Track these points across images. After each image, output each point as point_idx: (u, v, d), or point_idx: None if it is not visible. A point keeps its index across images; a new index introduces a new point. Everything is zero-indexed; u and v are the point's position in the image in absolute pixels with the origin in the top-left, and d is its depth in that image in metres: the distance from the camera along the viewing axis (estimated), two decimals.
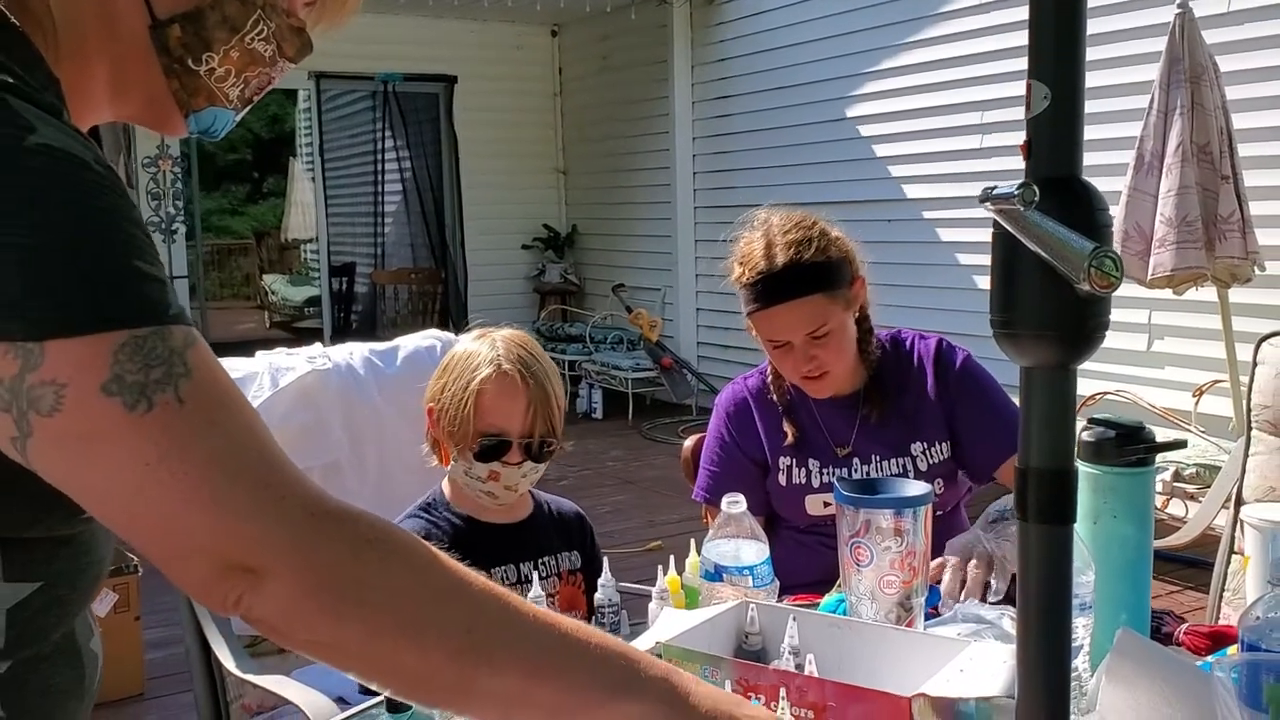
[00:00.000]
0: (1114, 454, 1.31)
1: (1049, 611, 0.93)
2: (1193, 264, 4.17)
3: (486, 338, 1.82)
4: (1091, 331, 0.91)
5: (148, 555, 0.75)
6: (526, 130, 9.28)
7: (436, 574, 0.81)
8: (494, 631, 0.81)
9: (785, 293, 1.91)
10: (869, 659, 1.24)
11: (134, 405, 0.71)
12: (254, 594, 0.74)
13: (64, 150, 0.74)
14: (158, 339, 0.73)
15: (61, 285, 0.71)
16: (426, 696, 0.84)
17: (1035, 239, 0.88)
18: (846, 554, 1.39)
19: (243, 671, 1.78)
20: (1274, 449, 2.38)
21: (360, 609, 0.77)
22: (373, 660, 0.79)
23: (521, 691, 0.81)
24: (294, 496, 0.76)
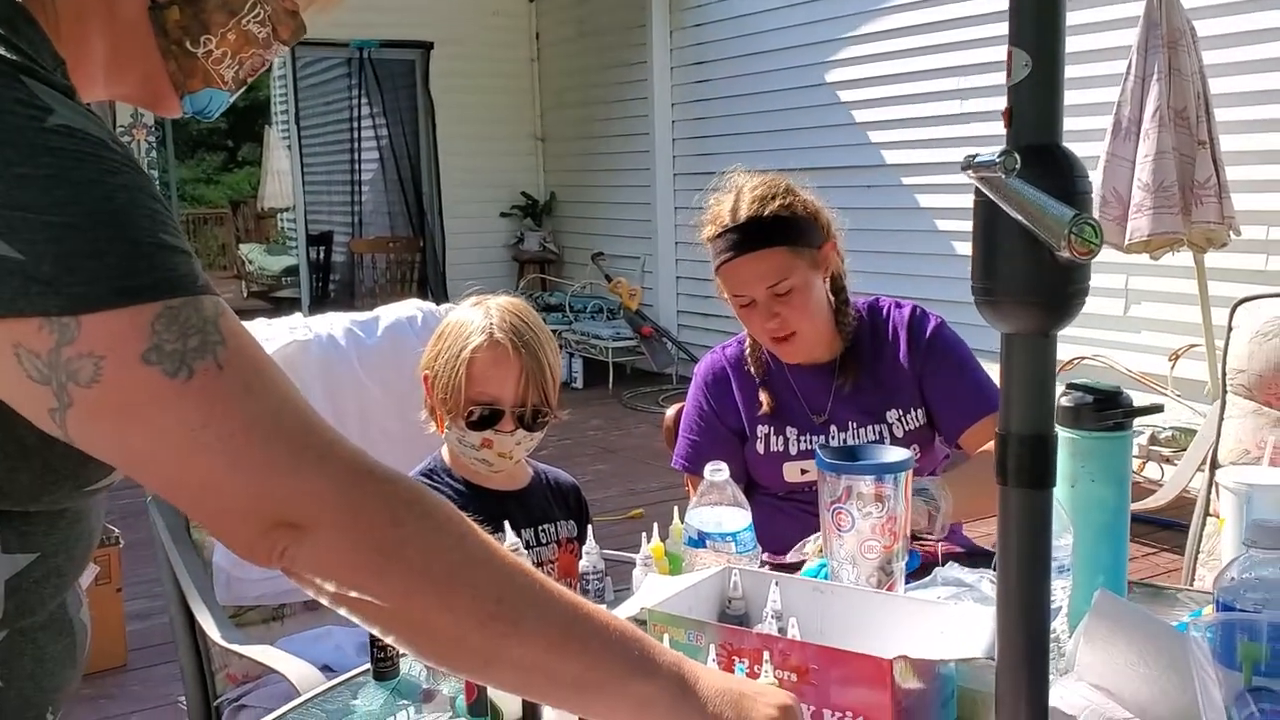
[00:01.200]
0: (1092, 418, 1.33)
1: (1028, 574, 0.94)
2: (1169, 229, 4.19)
3: (481, 305, 1.81)
4: (1071, 298, 0.92)
5: (191, 514, 0.78)
6: (504, 97, 9.22)
7: (470, 541, 0.83)
8: (522, 602, 0.83)
9: (746, 244, 1.93)
10: (851, 622, 1.26)
11: (175, 373, 0.73)
12: (297, 547, 0.76)
13: (84, 130, 0.75)
14: (191, 309, 0.74)
15: (93, 260, 0.72)
16: (452, 659, 0.85)
17: (1016, 206, 0.89)
18: (828, 519, 1.41)
19: (228, 642, 1.78)
20: (1249, 412, 2.41)
21: (399, 566, 0.79)
22: (405, 619, 0.81)
23: (543, 663, 0.84)
24: (335, 455, 0.79)
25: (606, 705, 0.87)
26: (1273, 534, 1.04)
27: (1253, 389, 2.40)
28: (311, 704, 1.29)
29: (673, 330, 7.92)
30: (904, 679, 1.13)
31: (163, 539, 1.96)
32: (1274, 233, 4.55)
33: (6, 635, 0.88)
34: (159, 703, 3.29)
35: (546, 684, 0.85)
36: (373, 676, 1.35)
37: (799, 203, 1.97)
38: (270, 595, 2.02)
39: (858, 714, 1.09)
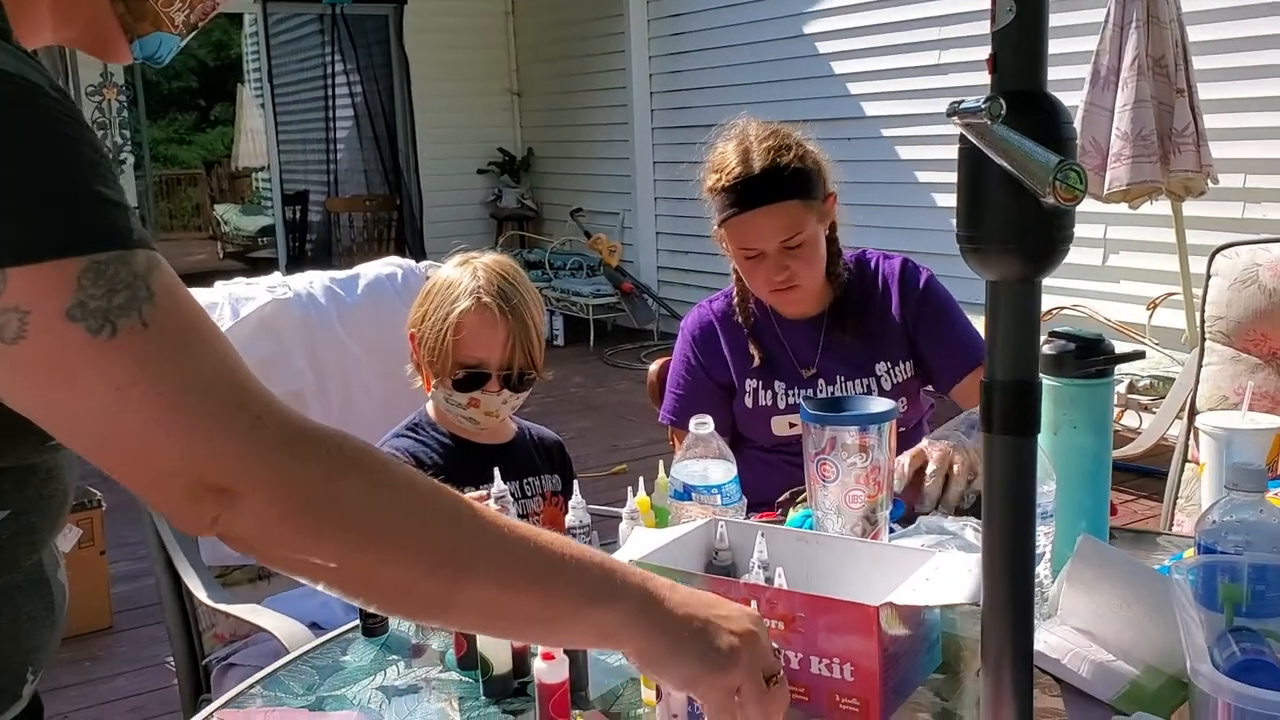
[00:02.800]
0: (1074, 366, 1.33)
1: (1013, 520, 0.95)
2: (1148, 178, 4.20)
3: (468, 265, 1.80)
4: (1056, 244, 0.92)
5: (120, 479, 0.75)
6: (479, 52, 9.12)
7: (412, 490, 0.82)
8: (470, 544, 0.82)
9: (762, 197, 1.89)
10: (836, 571, 1.27)
11: (98, 330, 0.70)
12: (231, 513, 0.75)
13: (20, 76, 0.72)
14: (120, 264, 0.72)
15: (22, 211, 0.70)
16: (407, 610, 0.85)
17: (1001, 153, 0.88)
18: (813, 470, 1.41)
19: (214, 601, 1.78)
20: (1227, 359, 2.43)
21: (338, 525, 0.77)
22: (352, 576, 0.80)
23: (499, 602, 0.83)
24: (268, 417, 0.77)
25: (569, 636, 0.88)
26: (1253, 477, 1.05)
27: (1231, 335, 2.42)
28: (302, 660, 1.30)
29: (653, 286, 7.91)
30: (890, 626, 1.15)
31: None
32: (1251, 181, 4.57)
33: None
34: (145, 664, 3.29)
35: (504, 622, 0.86)
36: (362, 632, 1.36)
37: (807, 152, 1.95)
38: None
39: (845, 661, 1.10)
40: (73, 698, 3.08)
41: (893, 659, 1.12)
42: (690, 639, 0.87)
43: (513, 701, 1.17)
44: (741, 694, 0.88)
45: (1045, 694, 1.14)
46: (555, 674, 1.10)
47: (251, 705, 1.20)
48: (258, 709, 1.19)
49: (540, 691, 1.10)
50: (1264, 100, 4.50)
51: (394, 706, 1.18)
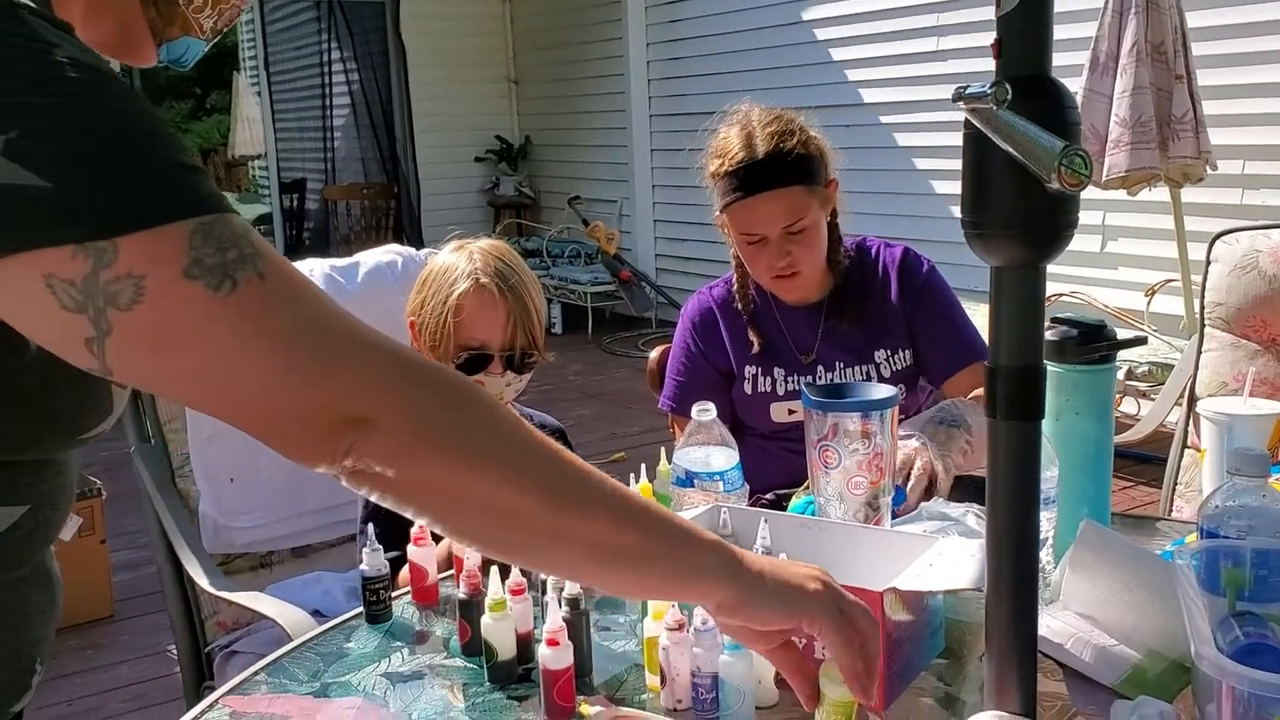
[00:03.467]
0: (1076, 352, 1.33)
1: (1017, 505, 0.96)
2: (1146, 164, 4.19)
3: (464, 250, 1.80)
4: (1061, 230, 0.92)
5: (249, 428, 0.77)
6: (476, 39, 9.09)
7: (523, 426, 0.84)
8: (579, 478, 0.84)
9: (766, 182, 1.89)
10: (840, 557, 1.27)
11: (219, 285, 0.72)
12: (365, 441, 0.76)
13: (90, 63, 0.74)
14: (223, 225, 0.74)
15: (124, 183, 0.71)
16: (518, 541, 0.85)
17: (1006, 138, 0.88)
18: (815, 457, 1.41)
19: (217, 589, 1.79)
20: (1226, 345, 2.43)
21: (464, 446, 0.80)
22: (474, 499, 0.81)
23: (607, 536, 0.85)
24: (385, 348, 0.79)
25: (663, 574, 0.89)
26: (1255, 462, 1.06)
27: (1231, 322, 2.42)
28: (306, 648, 1.30)
29: (651, 274, 7.90)
30: (894, 611, 1.15)
31: (148, 489, 1.95)
32: (1250, 167, 4.57)
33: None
34: (147, 652, 3.30)
35: (611, 558, 0.86)
36: (366, 619, 1.37)
37: (810, 138, 1.95)
38: (258, 543, 2.02)
39: None
40: (75, 686, 3.09)
41: (896, 644, 1.12)
42: (773, 584, 0.90)
43: (517, 687, 1.18)
44: (845, 609, 0.91)
45: (1048, 678, 1.14)
46: (560, 660, 1.10)
47: (256, 692, 1.20)
48: (262, 695, 1.19)
49: (545, 677, 1.11)
50: (1263, 86, 4.50)
51: (398, 693, 1.18)
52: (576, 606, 1.18)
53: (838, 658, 0.90)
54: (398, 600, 1.40)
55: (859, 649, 0.91)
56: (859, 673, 0.90)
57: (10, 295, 0.71)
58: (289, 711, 1.15)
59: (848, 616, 0.91)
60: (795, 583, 0.91)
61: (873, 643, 0.92)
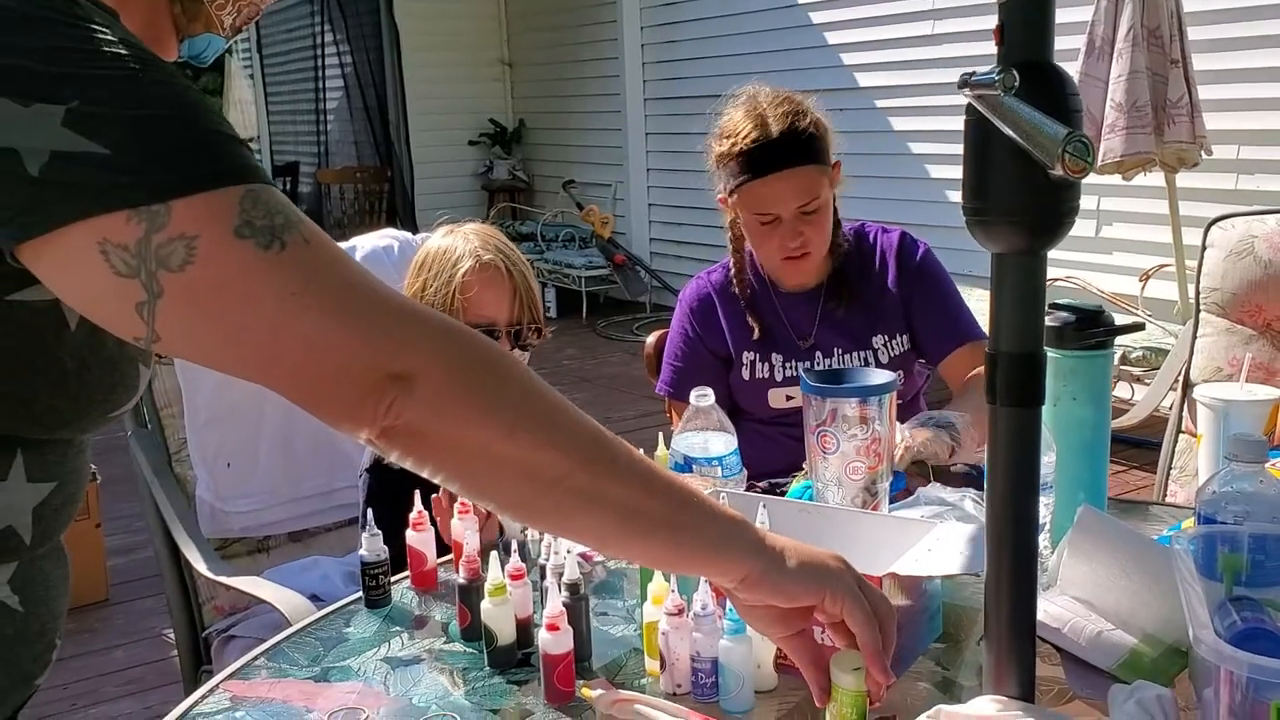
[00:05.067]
0: (1074, 338, 1.33)
1: (1017, 491, 0.96)
2: (1141, 149, 4.19)
3: (457, 233, 1.81)
4: (1062, 217, 0.92)
5: (291, 389, 0.78)
6: (470, 21, 9.05)
7: (554, 391, 0.86)
8: (613, 445, 0.86)
9: (782, 161, 1.88)
10: (838, 542, 1.26)
11: (268, 245, 0.75)
12: (406, 397, 0.78)
13: (137, 43, 0.77)
14: (269, 194, 0.77)
15: (178, 149, 0.74)
16: (555, 501, 0.84)
17: (1010, 124, 0.88)
18: (813, 442, 1.41)
19: (214, 573, 1.79)
20: (1221, 330, 2.44)
21: (505, 405, 0.81)
22: (513, 460, 0.81)
23: (640, 502, 0.86)
24: (428, 311, 0.82)
25: (691, 545, 0.89)
26: (1253, 447, 1.06)
27: (1226, 307, 2.43)
28: (305, 633, 1.30)
29: (645, 258, 7.89)
30: (892, 596, 1.15)
31: (145, 474, 1.95)
32: (1245, 152, 4.57)
33: (30, 560, 0.91)
34: (142, 636, 3.30)
35: (641, 526, 0.87)
36: (365, 604, 1.37)
37: (818, 120, 1.95)
38: (255, 527, 2.02)
39: None
40: (71, 670, 3.09)
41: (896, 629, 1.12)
42: (796, 561, 0.92)
43: (517, 672, 1.18)
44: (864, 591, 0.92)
45: (1045, 663, 1.14)
46: (560, 644, 1.11)
47: (256, 677, 1.20)
48: (263, 680, 1.19)
49: (545, 662, 1.11)
50: (1258, 71, 4.49)
51: (398, 677, 1.18)
52: (576, 591, 1.19)
53: (860, 634, 0.91)
54: (397, 585, 1.41)
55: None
56: (879, 651, 0.91)
57: (64, 265, 0.74)
58: (289, 696, 1.15)
59: (867, 597, 0.92)
60: (818, 560, 0.93)
61: (889, 627, 0.93)
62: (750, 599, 0.92)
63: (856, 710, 0.95)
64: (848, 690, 0.94)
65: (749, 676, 1.08)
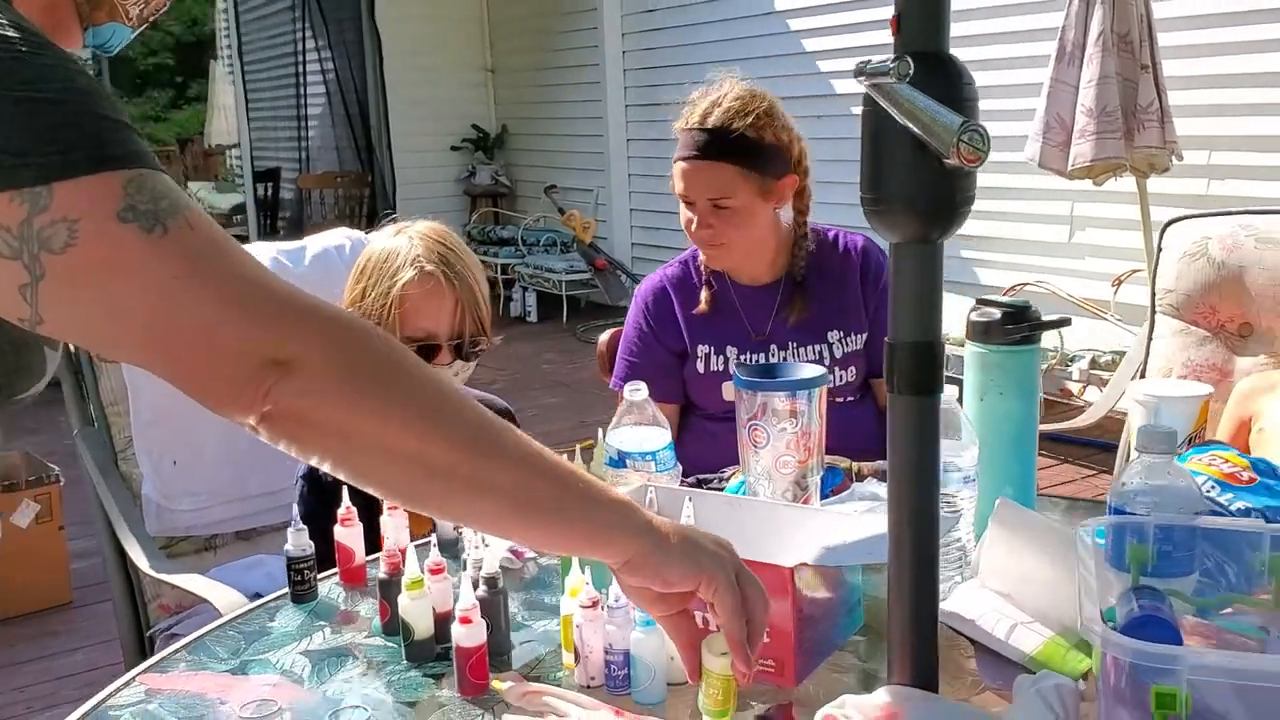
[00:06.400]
0: (1000, 333, 1.34)
1: (918, 479, 0.96)
2: (1111, 154, 4.21)
3: (403, 234, 1.75)
4: (958, 206, 0.92)
5: (172, 373, 0.79)
6: (452, 27, 9.04)
7: (443, 378, 0.87)
8: (498, 430, 0.86)
9: (703, 152, 1.94)
10: (764, 535, 1.27)
11: (151, 229, 0.75)
12: (285, 383, 0.78)
13: (30, 28, 0.77)
14: (155, 179, 0.77)
15: (65, 131, 0.74)
16: (444, 486, 0.85)
17: (906, 113, 0.89)
18: (744, 436, 1.41)
19: (156, 571, 1.78)
20: (1176, 332, 2.45)
21: (387, 394, 0.81)
22: (396, 449, 0.82)
23: (527, 485, 0.86)
24: (312, 299, 0.82)
25: (576, 527, 0.90)
26: (1161, 439, 1.06)
27: (1180, 308, 2.44)
28: (229, 626, 1.30)
29: (626, 262, 7.89)
30: (811, 588, 1.16)
31: (90, 472, 1.94)
32: (1215, 157, 4.59)
33: None
34: (105, 638, 3.28)
35: (529, 510, 0.87)
36: (291, 599, 1.36)
37: (773, 128, 1.96)
38: (201, 525, 2.02)
39: None
40: (29, 673, 3.08)
41: (809, 620, 1.13)
42: (679, 544, 0.92)
43: (434, 666, 1.18)
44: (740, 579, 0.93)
45: (961, 655, 1.15)
46: (473, 637, 1.10)
47: (174, 670, 1.20)
48: (180, 673, 1.19)
49: (458, 655, 1.11)
50: (1228, 76, 4.51)
51: (316, 670, 1.18)
52: (494, 585, 1.18)
53: (725, 623, 0.91)
54: (324, 581, 1.40)
55: (747, 620, 0.92)
56: (742, 641, 0.91)
57: None
58: (205, 689, 1.15)
59: (743, 587, 0.93)
60: (699, 545, 0.93)
61: (759, 617, 0.93)
62: (633, 581, 0.92)
63: (724, 692, 0.96)
64: (716, 673, 0.96)
65: (661, 668, 1.08)
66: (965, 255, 5.50)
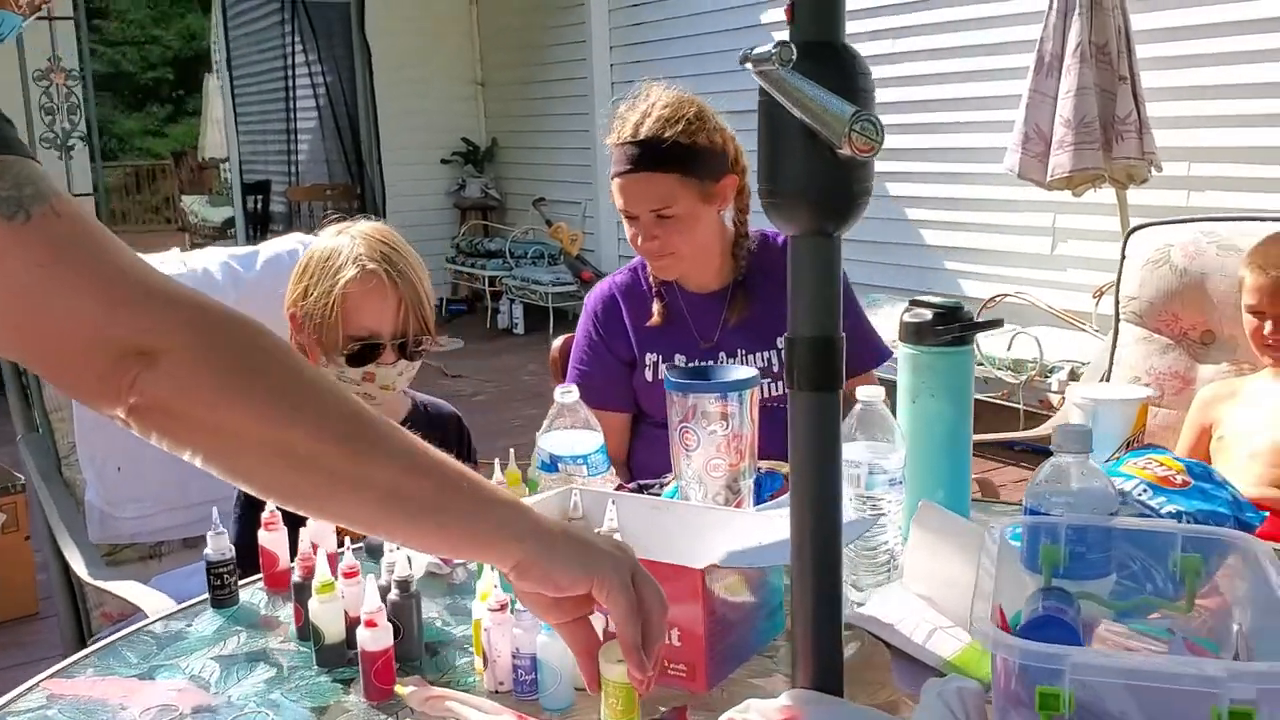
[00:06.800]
0: (931, 334, 1.32)
1: (819, 477, 0.94)
2: (1089, 165, 4.20)
3: (345, 233, 1.75)
4: (855, 197, 0.91)
5: (38, 362, 0.78)
6: (443, 41, 9.05)
7: (316, 371, 0.85)
8: (370, 426, 0.84)
9: (639, 164, 1.92)
10: (685, 538, 1.25)
11: (13, 216, 0.74)
12: (149, 372, 0.77)
13: None
14: (22, 166, 0.75)
15: None
16: (315, 483, 0.83)
17: (796, 102, 0.87)
18: (675, 440, 1.40)
19: (94, 578, 1.76)
20: (1139, 339, 2.44)
21: (254, 386, 0.80)
22: (266, 441, 0.80)
23: (401, 486, 0.84)
24: (180, 289, 0.80)
25: (457, 529, 0.87)
26: (1075, 438, 1.04)
27: (1144, 316, 2.42)
28: (143, 631, 1.27)
29: None
30: (734, 592, 1.13)
31: (33, 478, 1.92)
32: (1195, 169, 4.58)
33: None
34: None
35: (404, 509, 0.85)
36: (211, 604, 1.34)
37: (705, 131, 1.94)
38: (145, 533, 2.00)
39: (672, 625, 1.08)
40: None
41: (723, 623, 1.10)
42: (568, 546, 0.89)
43: (345, 671, 1.15)
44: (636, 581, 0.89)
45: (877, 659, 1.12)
46: (378, 641, 1.08)
47: (80, 675, 1.17)
48: (85, 679, 1.16)
49: (363, 659, 1.09)
50: (1208, 88, 4.51)
51: (225, 675, 1.15)
52: (406, 589, 1.16)
53: (619, 627, 0.89)
54: (246, 587, 1.38)
55: (643, 624, 0.89)
56: (637, 646, 0.88)
57: None
58: (108, 695, 1.12)
59: (638, 589, 0.90)
60: (592, 548, 0.90)
61: (657, 620, 0.90)
62: (524, 586, 0.89)
63: (624, 700, 0.93)
64: (614, 681, 0.93)
65: (568, 673, 1.06)
66: (949, 266, 5.49)
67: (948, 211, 5.55)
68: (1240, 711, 0.71)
